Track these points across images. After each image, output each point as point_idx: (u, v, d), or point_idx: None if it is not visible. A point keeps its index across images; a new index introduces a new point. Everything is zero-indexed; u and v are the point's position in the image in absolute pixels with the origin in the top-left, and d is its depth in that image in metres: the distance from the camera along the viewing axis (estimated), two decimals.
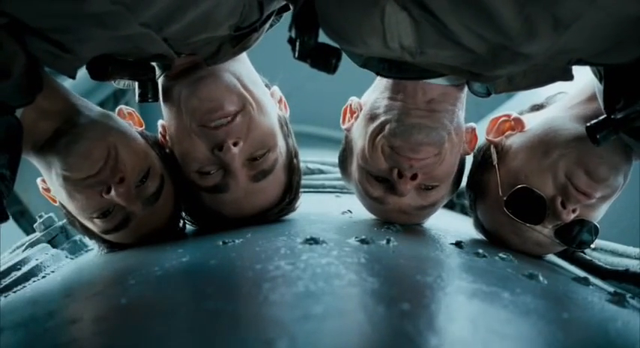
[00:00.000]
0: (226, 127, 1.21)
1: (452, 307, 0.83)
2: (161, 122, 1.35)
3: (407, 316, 0.73)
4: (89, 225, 1.27)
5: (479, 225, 1.40)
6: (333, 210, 1.45)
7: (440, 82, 1.19)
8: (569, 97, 1.32)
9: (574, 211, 1.22)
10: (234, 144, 1.21)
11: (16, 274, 1.32)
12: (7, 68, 0.92)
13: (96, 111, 1.26)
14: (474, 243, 1.29)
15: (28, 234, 1.88)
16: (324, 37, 0.99)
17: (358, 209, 1.39)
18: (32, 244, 1.54)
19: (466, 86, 1.22)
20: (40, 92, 1.01)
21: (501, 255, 1.14)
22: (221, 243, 1.09)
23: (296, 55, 0.97)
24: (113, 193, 1.18)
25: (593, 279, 1.24)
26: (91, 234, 1.30)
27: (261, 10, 1.06)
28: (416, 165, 1.21)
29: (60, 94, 1.22)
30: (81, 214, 1.24)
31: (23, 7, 0.87)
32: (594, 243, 1.31)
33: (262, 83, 1.35)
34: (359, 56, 1.07)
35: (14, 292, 1.23)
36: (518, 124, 1.32)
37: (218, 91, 1.21)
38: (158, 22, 0.96)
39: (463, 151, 1.32)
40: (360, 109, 1.31)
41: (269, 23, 1.15)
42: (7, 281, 1.30)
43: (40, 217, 1.63)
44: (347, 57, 1.04)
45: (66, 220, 1.40)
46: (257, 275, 0.88)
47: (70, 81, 1.06)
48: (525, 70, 1.00)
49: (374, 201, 1.30)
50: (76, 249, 1.55)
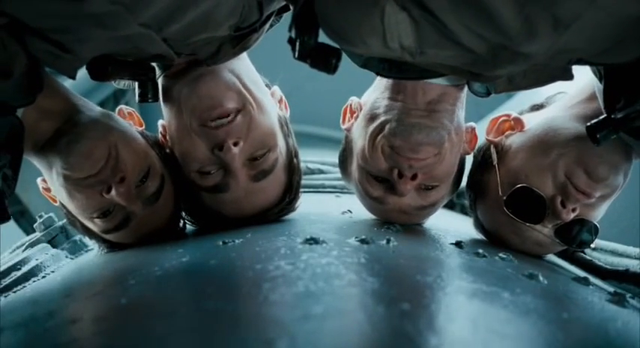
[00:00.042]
0: (226, 127, 1.21)
1: (452, 307, 0.83)
2: (161, 122, 1.35)
3: (407, 316, 0.73)
4: (89, 225, 1.27)
5: (479, 225, 1.40)
6: (333, 210, 1.45)
7: (440, 82, 1.19)
8: (569, 97, 1.32)
9: (574, 211, 1.22)
10: (234, 144, 1.21)
11: (16, 274, 1.32)
12: (8, 68, 0.92)
13: (96, 111, 1.26)
14: (474, 243, 1.29)
15: (28, 234, 1.88)
16: (324, 38, 0.99)
17: (358, 209, 1.39)
18: (32, 244, 1.54)
19: (466, 86, 1.22)
20: (41, 92, 1.01)
21: (501, 255, 1.14)
22: (221, 243, 1.09)
23: (296, 56, 0.97)
24: (114, 193, 1.18)
25: (593, 279, 1.24)
26: (92, 234, 1.30)
27: (260, 11, 1.06)
28: (416, 165, 1.21)
29: (60, 94, 1.22)
30: (81, 214, 1.25)
31: (23, 7, 0.87)
32: (594, 243, 1.31)
33: (262, 83, 1.35)
34: (359, 56, 1.07)
35: (14, 292, 1.23)
36: (518, 124, 1.32)
37: (217, 89, 1.21)
38: (158, 23, 0.96)
39: (463, 151, 1.32)
40: (360, 109, 1.31)
41: (269, 23, 1.15)
42: (7, 281, 1.30)
43: (40, 217, 1.63)
44: (347, 57, 1.04)
45: (66, 220, 1.40)
46: (257, 275, 0.88)
47: (71, 81, 1.06)
48: (525, 70, 1.00)
49: (374, 201, 1.30)
50: (76, 249, 1.55)
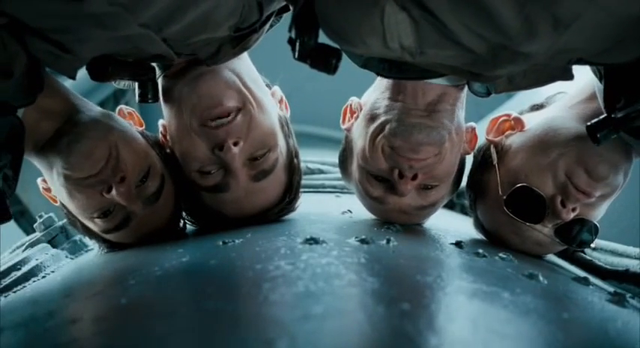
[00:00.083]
0: (227, 127, 1.21)
1: (452, 307, 0.83)
2: (162, 122, 1.35)
3: (407, 316, 0.73)
4: (90, 225, 1.27)
5: (479, 225, 1.40)
6: (333, 210, 1.45)
7: (440, 82, 1.19)
8: (569, 97, 1.32)
9: (574, 210, 1.22)
10: (234, 144, 1.21)
11: (16, 274, 1.32)
12: (9, 68, 0.92)
13: (96, 111, 1.26)
14: (474, 243, 1.29)
15: (28, 234, 1.88)
16: (324, 38, 0.99)
17: (358, 209, 1.39)
18: (32, 244, 1.54)
19: (466, 86, 1.22)
20: (41, 92, 1.01)
21: (501, 255, 1.14)
22: (221, 243, 1.09)
23: (296, 56, 0.97)
24: (114, 193, 1.18)
25: (593, 279, 1.24)
26: (92, 234, 1.30)
27: (260, 11, 1.06)
28: (416, 165, 1.21)
29: (61, 94, 1.22)
30: (81, 214, 1.25)
31: (23, 7, 0.87)
32: (594, 243, 1.31)
33: (263, 83, 1.35)
34: (359, 56, 1.07)
35: (14, 292, 1.23)
36: (518, 124, 1.32)
37: (217, 88, 1.21)
38: (157, 23, 0.96)
39: (463, 151, 1.32)
40: (360, 109, 1.31)
41: (269, 24, 1.15)
42: (7, 281, 1.30)
43: (40, 217, 1.63)
44: (347, 57, 1.04)
45: (66, 220, 1.40)
46: (257, 275, 0.88)
47: (71, 81, 1.06)
48: (525, 70, 1.00)
49: (374, 201, 1.30)
50: (76, 249, 1.55)
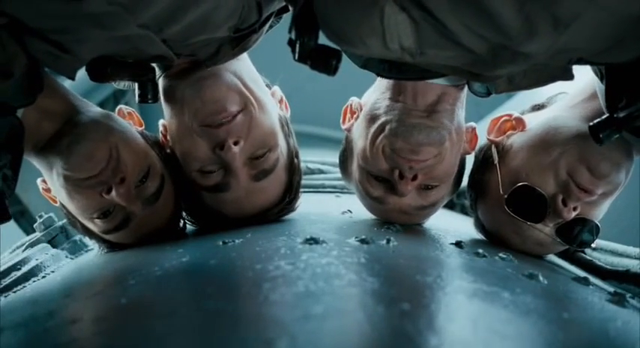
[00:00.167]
0: (227, 126, 1.21)
1: (452, 307, 0.83)
2: (162, 122, 1.35)
3: (407, 316, 0.73)
4: (89, 225, 1.27)
5: (479, 225, 1.40)
6: (333, 210, 1.45)
7: (440, 82, 1.19)
8: (570, 97, 1.32)
9: (575, 209, 1.22)
10: (234, 143, 1.21)
11: (16, 274, 1.32)
12: (8, 69, 0.92)
13: (96, 111, 1.26)
14: (474, 243, 1.29)
15: (28, 234, 1.88)
16: (324, 39, 0.99)
17: (358, 209, 1.39)
18: (32, 244, 1.54)
19: (466, 86, 1.22)
20: (41, 92, 1.01)
21: (501, 255, 1.14)
22: (221, 243, 1.09)
23: (296, 57, 0.97)
24: (114, 194, 1.18)
25: (593, 279, 1.24)
26: (92, 234, 1.30)
27: (259, 12, 1.06)
28: (416, 166, 1.21)
29: (61, 95, 1.22)
30: (81, 215, 1.25)
31: (22, 8, 0.87)
32: (594, 243, 1.30)
33: (263, 83, 1.35)
34: (359, 57, 1.07)
35: (14, 292, 1.23)
36: (519, 124, 1.32)
37: (220, 92, 1.21)
38: (157, 24, 0.96)
39: (463, 151, 1.32)
40: (361, 110, 1.31)
41: (268, 24, 1.15)
42: (7, 281, 1.30)
43: (40, 217, 1.63)
44: (347, 58, 1.04)
45: (66, 220, 1.40)
46: (257, 275, 0.88)
47: (70, 81, 1.06)
48: (526, 70, 1.00)
49: (374, 201, 1.30)
50: (76, 249, 1.55)
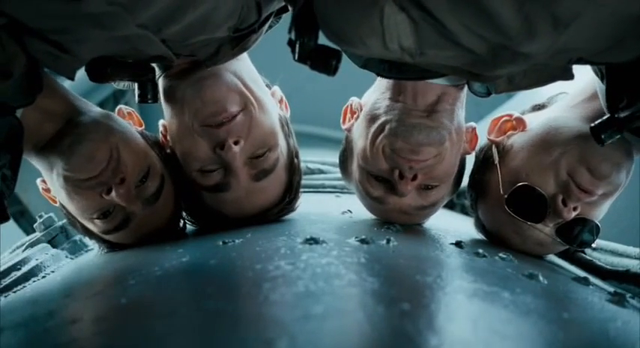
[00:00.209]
0: (227, 126, 1.21)
1: (452, 307, 0.83)
2: (162, 122, 1.35)
3: (407, 316, 0.73)
4: (89, 225, 1.27)
5: (480, 225, 1.40)
6: (333, 210, 1.45)
7: (440, 82, 1.19)
8: (570, 97, 1.32)
9: (575, 209, 1.22)
10: (235, 143, 1.21)
11: (16, 274, 1.32)
12: (8, 69, 0.92)
13: (97, 111, 1.26)
14: (474, 243, 1.29)
15: (28, 234, 1.88)
16: (324, 39, 0.99)
17: (358, 209, 1.39)
18: (32, 244, 1.54)
19: (466, 86, 1.22)
20: (41, 93, 1.01)
21: (501, 255, 1.14)
22: (221, 243, 1.09)
23: (296, 57, 0.97)
24: (114, 194, 1.18)
25: (593, 279, 1.24)
26: (91, 234, 1.30)
27: (259, 12, 1.06)
28: (416, 166, 1.21)
29: (61, 95, 1.22)
30: (81, 215, 1.25)
31: (22, 8, 0.87)
32: (595, 243, 1.30)
33: (263, 83, 1.35)
34: (359, 57, 1.07)
35: (14, 292, 1.23)
36: (520, 124, 1.32)
37: (220, 93, 1.21)
38: (156, 24, 0.96)
39: (463, 151, 1.32)
40: (361, 110, 1.31)
41: (268, 24, 1.15)
42: (7, 281, 1.30)
43: (40, 217, 1.63)
44: (347, 58, 1.04)
45: (66, 220, 1.40)
46: (257, 275, 0.88)
47: (70, 81, 1.06)
48: (525, 70, 1.00)
49: (374, 201, 1.30)
50: (76, 249, 1.55)
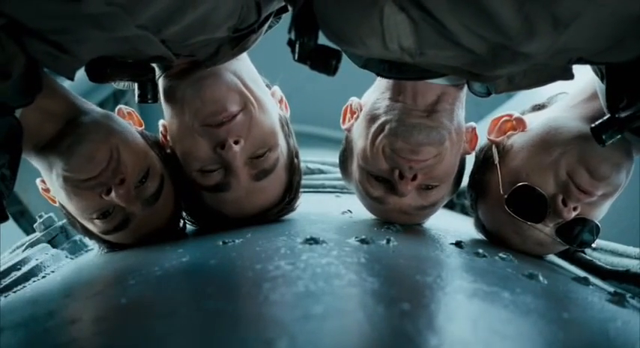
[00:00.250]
0: (227, 126, 1.21)
1: (452, 307, 0.83)
2: (162, 122, 1.35)
3: (407, 316, 0.73)
4: (89, 225, 1.27)
5: (480, 225, 1.40)
6: (333, 210, 1.45)
7: (440, 82, 1.19)
8: (570, 97, 1.32)
9: (575, 209, 1.22)
10: (235, 142, 1.21)
11: (16, 274, 1.32)
12: (7, 69, 0.92)
13: (97, 112, 1.26)
14: (474, 243, 1.29)
15: (28, 234, 1.88)
16: (324, 39, 0.99)
17: (358, 209, 1.39)
18: (32, 244, 1.54)
19: (466, 86, 1.22)
20: (40, 93, 1.01)
21: (501, 255, 1.14)
22: (221, 243, 1.09)
23: (296, 58, 0.97)
24: (113, 195, 1.18)
25: (593, 279, 1.24)
26: (91, 234, 1.30)
27: (259, 12, 1.06)
28: (416, 166, 1.21)
29: (61, 95, 1.22)
30: (81, 215, 1.25)
31: (21, 8, 0.87)
32: (595, 243, 1.30)
33: (263, 83, 1.35)
34: (359, 57, 1.07)
35: (14, 292, 1.23)
36: (520, 124, 1.32)
37: (220, 92, 1.21)
38: (156, 24, 0.96)
39: (463, 151, 1.32)
40: (360, 110, 1.31)
41: (267, 24, 1.15)
42: (7, 281, 1.30)
43: (40, 217, 1.63)
44: (347, 57, 1.04)
45: (66, 220, 1.40)
46: (257, 275, 0.88)
47: (70, 81, 1.06)
48: (525, 70, 1.00)
49: (374, 201, 1.30)
50: (76, 249, 1.55)
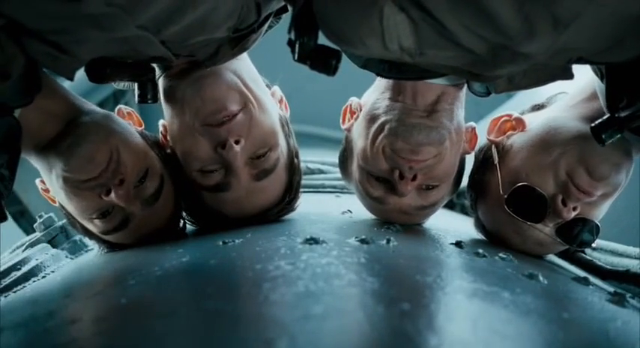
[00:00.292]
0: (228, 125, 1.21)
1: (452, 307, 0.83)
2: (162, 122, 1.35)
3: (407, 316, 0.73)
4: (89, 226, 1.27)
5: (479, 225, 1.40)
6: (333, 210, 1.45)
7: (440, 82, 1.19)
8: (569, 97, 1.32)
9: (575, 209, 1.22)
10: (236, 142, 1.21)
11: (16, 274, 1.32)
12: (6, 70, 0.92)
13: (97, 112, 1.26)
14: (474, 243, 1.29)
15: (28, 234, 1.88)
16: (324, 39, 0.98)
17: (358, 209, 1.39)
18: (32, 244, 1.54)
19: (466, 86, 1.22)
20: (39, 93, 1.01)
21: (501, 255, 1.14)
22: (221, 243, 1.09)
23: (296, 58, 0.96)
24: (113, 195, 1.18)
25: (593, 279, 1.24)
26: (91, 234, 1.30)
27: (258, 12, 1.06)
28: (416, 166, 1.21)
29: (61, 95, 1.22)
30: (80, 215, 1.25)
31: (21, 8, 0.87)
32: (595, 242, 1.30)
33: (263, 82, 1.35)
34: (359, 57, 1.07)
35: (14, 292, 1.23)
36: (519, 124, 1.32)
37: (220, 91, 1.21)
38: (155, 25, 0.96)
39: (463, 151, 1.32)
40: (360, 110, 1.31)
41: (267, 24, 1.15)
42: (7, 281, 1.30)
43: (40, 217, 1.63)
44: (347, 57, 1.04)
45: (66, 220, 1.40)
46: (257, 275, 0.88)
47: (70, 81, 1.05)
48: (525, 70, 1.00)
49: (374, 201, 1.30)
50: (76, 249, 1.55)
